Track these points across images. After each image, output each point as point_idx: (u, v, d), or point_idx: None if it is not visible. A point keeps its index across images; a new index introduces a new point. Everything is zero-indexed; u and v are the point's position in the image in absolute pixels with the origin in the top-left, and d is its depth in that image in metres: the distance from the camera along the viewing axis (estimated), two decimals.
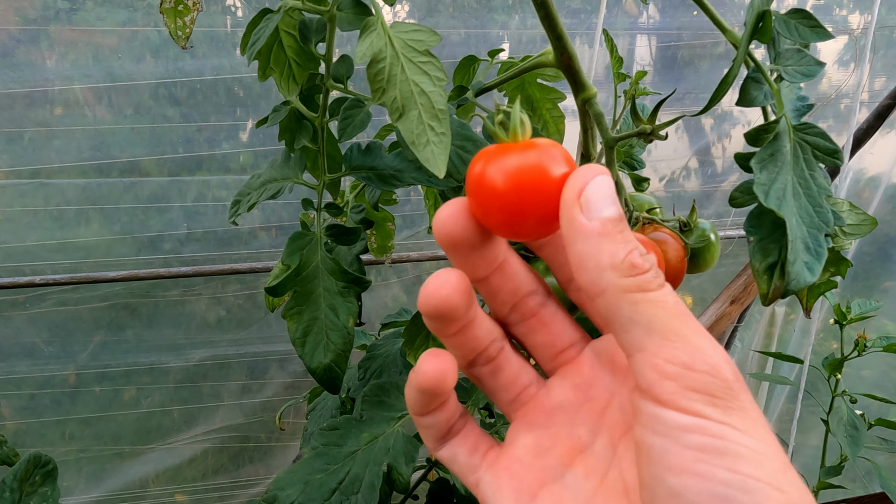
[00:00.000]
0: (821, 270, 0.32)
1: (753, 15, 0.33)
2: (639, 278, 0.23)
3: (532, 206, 0.25)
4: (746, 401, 0.22)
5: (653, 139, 0.43)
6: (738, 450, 0.21)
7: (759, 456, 0.21)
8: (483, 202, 0.25)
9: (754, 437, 0.21)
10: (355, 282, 0.42)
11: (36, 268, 1.26)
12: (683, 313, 0.23)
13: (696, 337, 0.22)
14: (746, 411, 0.22)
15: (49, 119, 1.19)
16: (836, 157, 0.34)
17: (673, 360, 0.22)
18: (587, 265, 0.24)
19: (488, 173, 0.25)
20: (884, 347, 1.00)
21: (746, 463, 0.21)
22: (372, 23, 0.36)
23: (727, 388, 0.22)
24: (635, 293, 0.23)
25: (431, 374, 0.27)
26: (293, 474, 0.43)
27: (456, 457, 0.29)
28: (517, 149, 0.25)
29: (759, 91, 0.35)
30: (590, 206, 0.24)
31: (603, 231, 0.23)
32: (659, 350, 0.22)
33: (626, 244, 0.23)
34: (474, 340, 0.29)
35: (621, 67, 0.53)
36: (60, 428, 1.44)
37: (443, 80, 0.36)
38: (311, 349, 0.42)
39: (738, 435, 0.21)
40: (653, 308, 0.23)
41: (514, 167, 0.24)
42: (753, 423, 0.22)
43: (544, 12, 0.40)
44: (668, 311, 0.23)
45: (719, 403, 0.22)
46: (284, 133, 0.47)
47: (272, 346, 1.47)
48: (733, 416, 0.22)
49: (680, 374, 0.22)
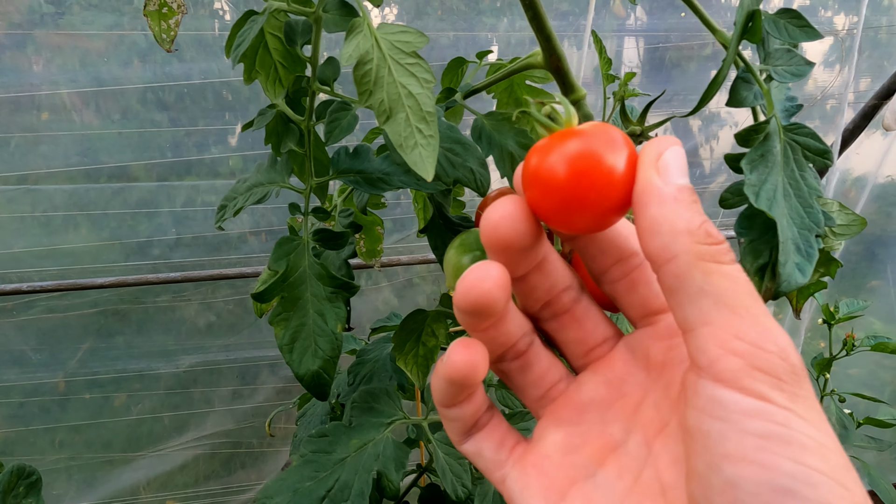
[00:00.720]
0: (812, 271, 0.32)
1: (743, 14, 0.33)
2: (714, 247, 0.22)
3: (595, 194, 0.23)
4: (811, 391, 0.21)
5: (642, 141, 0.43)
6: (803, 440, 0.20)
7: (825, 449, 0.20)
8: (542, 194, 0.24)
9: (819, 428, 0.20)
10: (343, 287, 0.42)
11: (23, 275, 1.25)
12: (755, 293, 0.22)
13: (767, 318, 0.21)
14: (811, 401, 0.21)
15: (36, 124, 1.18)
16: (826, 157, 0.34)
17: (743, 335, 0.21)
18: (662, 229, 0.23)
19: (548, 162, 0.24)
20: (872, 346, 1.00)
21: (812, 455, 0.20)
22: (358, 24, 0.35)
23: (794, 374, 0.21)
24: (709, 262, 0.22)
25: (461, 365, 0.25)
26: (282, 482, 0.43)
27: (481, 451, 0.28)
28: (576, 134, 0.24)
29: (749, 91, 0.35)
30: (668, 172, 0.23)
31: (679, 197, 0.23)
32: (728, 324, 0.21)
33: (698, 213, 0.23)
34: (505, 335, 0.27)
35: (610, 69, 0.53)
36: (50, 436, 1.43)
37: (430, 82, 0.36)
38: (299, 356, 0.41)
39: (804, 424, 0.20)
40: (726, 281, 0.22)
41: (575, 153, 0.23)
42: (819, 415, 0.21)
43: (532, 13, 0.40)
44: (742, 286, 0.22)
45: (786, 388, 0.21)
46: (271, 136, 0.46)
47: (263, 352, 1.47)
48: (799, 403, 0.21)
49: (748, 352, 0.21)
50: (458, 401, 0.27)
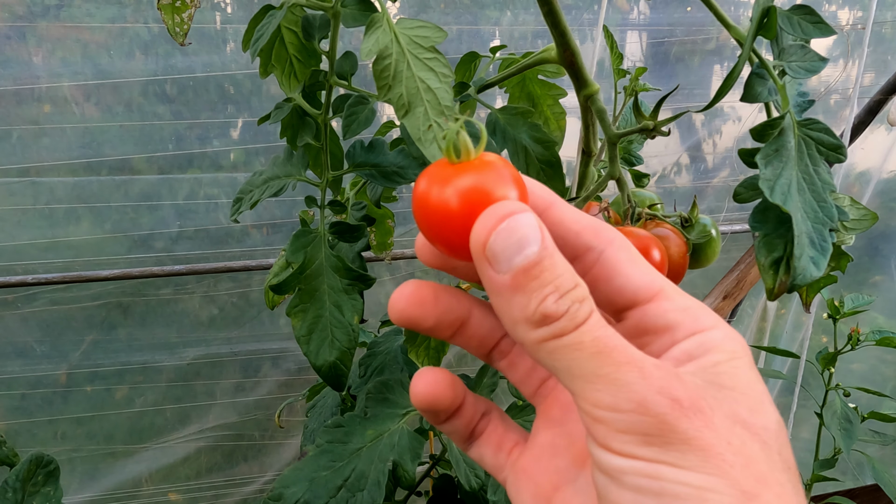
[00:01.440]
0: (826, 265, 0.32)
1: (759, 11, 0.33)
2: (552, 327, 0.21)
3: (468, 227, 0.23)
4: (691, 430, 0.20)
5: (655, 135, 0.44)
6: (675, 489, 0.20)
7: (704, 493, 0.20)
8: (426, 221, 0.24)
9: (700, 471, 0.20)
10: (360, 279, 0.42)
11: (27, 267, 1.25)
12: (605, 347, 0.21)
13: (620, 371, 0.21)
14: (691, 442, 0.20)
15: (38, 117, 1.18)
16: (839, 152, 0.35)
17: (597, 403, 0.21)
18: (504, 320, 0.23)
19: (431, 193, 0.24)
20: (877, 341, 1.00)
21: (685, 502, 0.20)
22: (378, 19, 0.36)
23: (660, 423, 0.20)
24: (549, 342, 0.22)
25: (422, 396, 0.27)
26: (298, 472, 0.43)
27: (483, 457, 0.29)
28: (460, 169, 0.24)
29: (764, 87, 0.35)
30: (497, 259, 0.22)
31: (514, 283, 0.22)
32: (584, 394, 0.21)
33: (539, 291, 0.22)
34: (477, 339, 0.28)
35: (621, 63, 0.53)
36: (53, 428, 1.43)
37: (448, 77, 0.36)
38: (317, 347, 0.41)
39: (678, 473, 0.20)
40: (569, 353, 0.21)
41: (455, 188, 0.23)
42: (701, 455, 0.20)
43: (548, 8, 0.40)
44: (585, 351, 0.21)
45: (654, 441, 0.20)
46: (286, 130, 0.47)
47: (265, 345, 1.47)
48: (671, 452, 0.20)
49: (606, 418, 0.21)
50: (442, 420, 0.28)
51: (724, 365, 0.23)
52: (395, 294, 0.26)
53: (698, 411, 0.21)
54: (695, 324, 0.24)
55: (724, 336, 0.24)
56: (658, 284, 0.25)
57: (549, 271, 0.22)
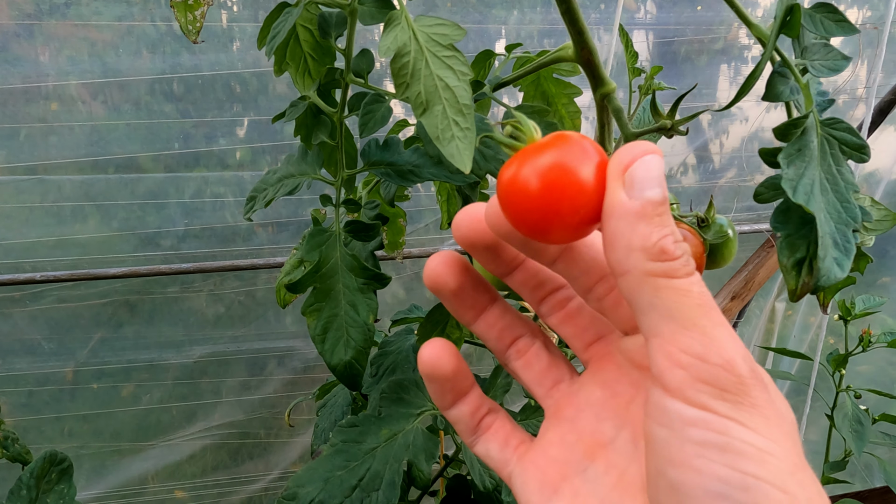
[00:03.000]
0: (849, 266, 0.32)
1: (783, 8, 0.33)
2: (666, 264, 0.23)
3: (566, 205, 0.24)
4: (761, 398, 0.22)
5: (673, 134, 0.43)
6: (740, 447, 0.21)
7: (765, 455, 0.21)
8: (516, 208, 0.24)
9: (763, 435, 0.21)
10: (375, 278, 0.42)
11: (35, 264, 1.25)
12: (707, 304, 0.22)
13: (716, 329, 0.22)
14: (759, 408, 0.21)
15: (45, 115, 1.18)
16: (863, 152, 0.34)
17: (687, 349, 0.22)
18: (618, 244, 0.23)
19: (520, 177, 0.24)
20: (889, 343, 1.00)
21: (748, 461, 0.21)
22: (396, 16, 0.36)
23: (739, 384, 0.21)
24: (660, 278, 0.22)
25: (426, 360, 0.28)
26: (313, 471, 0.43)
27: (489, 452, 0.30)
28: (546, 147, 0.24)
29: (786, 86, 0.35)
30: (633, 184, 0.23)
31: (642, 212, 0.23)
32: (674, 338, 0.22)
33: (661, 228, 0.23)
34: (496, 330, 0.30)
35: (636, 62, 0.53)
36: (60, 425, 1.43)
37: (467, 75, 0.36)
38: (332, 346, 0.41)
39: (744, 432, 0.21)
40: (675, 295, 0.22)
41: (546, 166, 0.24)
42: (765, 421, 0.21)
43: (566, 6, 0.40)
44: (691, 300, 0.22)
45: (728, 398, 0.21)
46: (300, 128, 0.46)
47: (271, 343, 1.47)
48: (742, 412, 0.21)
49: (692, 364, 0.22)
50: (447, 401, 0.30)
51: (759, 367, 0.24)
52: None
53: (766, 387, 0.22)
54: None
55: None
56: None
57: (669, 216, 0.23)
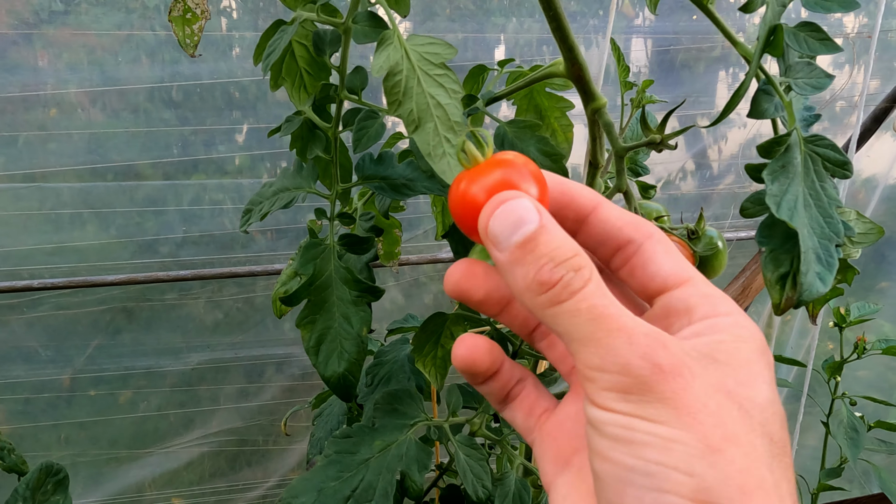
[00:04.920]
0: (832, 281, 0.32)
1: (766, 28, 0.34)
2: (549, 293, 0.25)
3: None
4: (668, 391, 0.23)
5: (663, 148, 0.44)
6: (643, 438, 0.23)
7: (668, 443, 0.22)
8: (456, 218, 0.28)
9: (669, 425, 0.23)
10: (369, 291, 0.42)
11: (33, 271, 1.26)
12: (600, 316, 0.24)
13: (609, 338, 0.24)
14: (666, 401, 0.23)
15: (44, 122, 1.18)
16: (846, 168, 0.35)
17: (589, 364, 0.24)
18: (514, 293, 0.26)
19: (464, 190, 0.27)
20: (883, 350, 1.00)
21: (650, 449, 0.23)
22: (388, 36, 0.36)
23: (638, 384, 0.23)
24: (550, 308, 0.25)
25: (462, 359, 0.30)
26: (307, 482, 0.43)
27: (514, 419, 0.32)
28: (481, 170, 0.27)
29: (770, 103, 0.36)
30: (497, 239, 0.25)
31: (513, 259, 0.25)
32: (579, 356, 0.24)
33: (534, 263, 0.25)
34: (519, 318, 0.31)
35: (628, 76, 0.53)
36: (57, 432, 1.43)
37: (458, 93, 0.36)
38: (325, 358, 0.42)
39: (647, 425, 0.23)
40: (567, 318, 0.24)
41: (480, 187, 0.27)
42: (673, 412, 0.23)
43: (556, 24, 0.41)
44: (582, 317, 0.24)
45: (631, 399, 0.23)
46: (296, 142, 0.47)
47: (270, 350, 1.47)
48: (646, 407, 0.23)
49: (595, 377, 0.24)
50: (477, 382, 0.31)
51: (725, 344, 0.25)
52: (451, 269, 0.30)
53: (678, 375, 0.23)
54: (712, 309, 0.26)
55: (734, 322, 0.26)
56: (687, 274, 0.27)
57: (545, 245, 0.25)
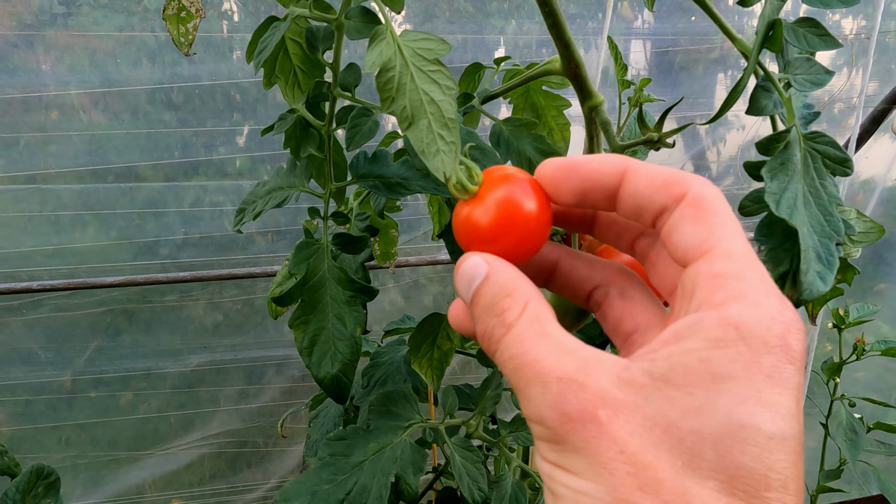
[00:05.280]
0: (833, 280, 0.32)
1: (764, 24, 0.33)
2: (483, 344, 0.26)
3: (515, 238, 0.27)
4: (581, 439, 0.22)
5: (660, 147, 0.43)
6: (558, 490, 0.22)
7: (579, 495, 0.22)
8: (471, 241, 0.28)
9: (582, 476, 0.22)
10: (363, 291, 0.42)
11: (33, 273, 1.25)
12: (520, 365, 0.24)
13: (529, 388, 0.23)
14: (579, 451, 0.22)
15: (45, 124, 1.18)
16: (846, 165, 0.34)
17: (525, 413, 0.24)
18: None
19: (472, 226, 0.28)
20: (882, 351, 1.00)
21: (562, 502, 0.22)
22: (381, 31, 0.36)
23: (554, 434, 0.22)
24: (495, 352, 0.25)
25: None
26: (300, 485, 0.43)
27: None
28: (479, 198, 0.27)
29: (769, 100, 0.35)
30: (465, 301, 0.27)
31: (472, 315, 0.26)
32: (521, 398, 0.24)
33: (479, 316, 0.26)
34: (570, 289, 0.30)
35: (625, 74, 0.53)
36: (57, 434, 1.43)
37: (452, 90, 0.36)
38: (319, 359, 0.41)
39: (563, 476, 0.22)
40: (501, 369, 0.25)
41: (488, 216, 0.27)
42: (586, 462, 0.22)
43: (552, 21, 0.40)
44: (507, 368, 0.24)
45: (554, 448, 0.23)
46: (290, 141, 0.47)
47: (269, 351, 1.47)
48: (565, 457, 0.22)
49: (531, 425, 0.24)
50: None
51: (690, 355, 0.22)
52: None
53: (590, 421, 0.22)
54: (708, 296, 0.23)
55: (720, 319, 0.22)
56: (709, 244, 0.24)
57: (484, 295, 0.26)
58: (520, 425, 0.54)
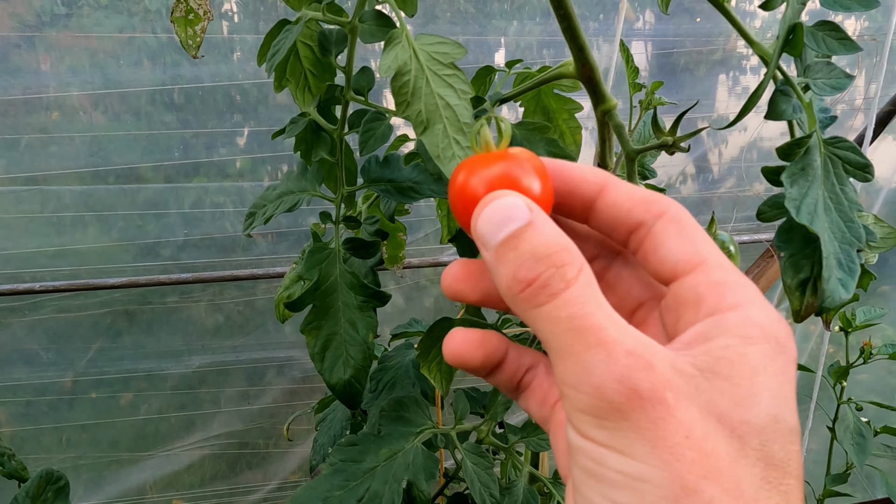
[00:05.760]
0: (854, 287, 0.32)
1: (785, 27, 0.33)
2: (527, 292, 0.23)
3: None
4: (647, 420, 0.20)
5: (675, 151, 0.43)
6: (612, 477, 0.21)
7: (638, 483, 0.20)
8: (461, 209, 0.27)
9: (642, 461, 0.20)
10: (374, 296, 0.42)
11: (35, 274, 1.25)
12: (580, 327, 0.22)
13: (587, 353, 0.21)
14: (642, 432, 0.20)
15: (46, 125, 1.18)
16: (866, 171, 0.34)
17: (565, 379, 0.22)
18: (499, 288, 0.24)
19: (463, 182, 0.26)
20: (890, 355, 0.99)
21: (619, 490, 0.20)
22: (397, 35, 0.35)
23: (613, 410, 0.21)
24: (529, 310, 0.23)
25: (450, 355, 0.28)
26: (311, 491, 0.43)
27: (529, 409, 0.30)
28: (487, 160, 0.26)
29: (788, 104, 0.35)
30: (483, 240, 0.24)
31: (497, 258, 0.24)
32: (555, 367, 0.22)
33: (515, 261, 0.23)
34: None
35: (637, 77, 0.53)
36: (58, 434, 1.43)
37: (468, 94, 0.35)
38: (331, 364, 0.41)
39: (618, 460, 0.21)
40: (546, 325, 0.22)
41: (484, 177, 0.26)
42: (649, 445, 0.20)
43: (567, 24, 0.40)
44: (560, 326, 0.22)
45: (606, 425, 0.21)
46: (300, 144, 0.46)
47: (271, 353, 1.47)
48: (619, 438, 0.21)
49: (570, 395, 0.22)
50: (481, 375, 0.29)
51: (730, 350, 0.22)
52: (446, 270, 0.28)
53: (658, 402, 0.21)
54: (719, 301, 0.23)
55: (743, 318, 0.23)
56: (700, 257, 0.24)
57: (528, 241, 0.23)
58: (530, 431, 0.53)
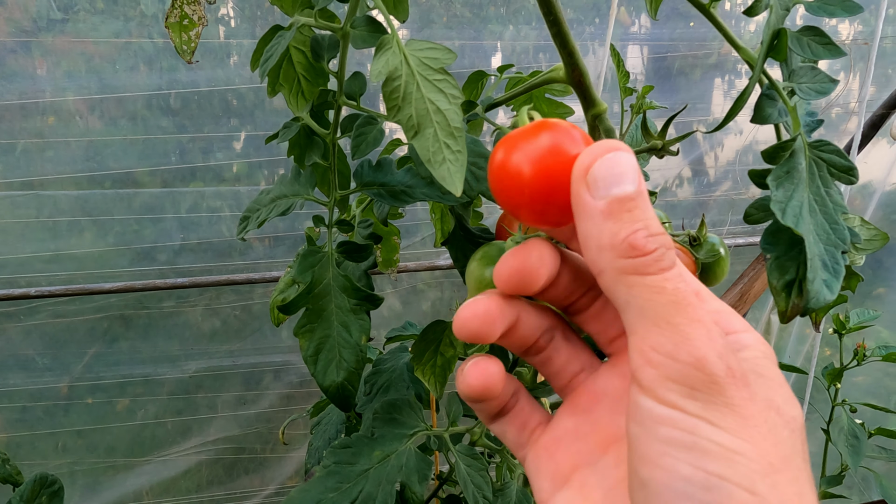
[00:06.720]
0: (839, 288, 0.32)
1: (769, 33, 0.33)
2: (637, 260, 0.22)
3: (548, 187, 0.24)
4: (738, 397, 0.21)
5: (664, 154, 0.44)
6: (707, 446, 0.21)
7: (733, 455, 0.21)
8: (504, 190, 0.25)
9: (735, 434, 0.21)
10: (367, 299, 0.42)
11: (31, 279, 1.25)
12: (684, 300, 0.22)
13: (689, 326, 0.22)
14: (734, 408, 0.21)
15: (42, 129, 1.18)
16: (851, 174, 0.34)
17: (658, 347, 0.22)
18: (589, 244, 0.23)
19: (503, 158, 0.25)
20: (883, 357, 1.00)
21: (713, 460, 0.21)
22: (387, 41, 0.36)
23: (711, 383, 0.21)
24: (631, 276, 0.23)
25: (476, 386, 0.27)
26: (305, 493, 0.43)
27: (505, 433, 0.30)
28: (531, 132, 0.25)
29: (774, 108, 0.35)
30: (597, 184, 0.23)
31: (608, 210, 0.23)
32: (647, 336, 0.22)
33: (631, 224, 0.23)
34: (521, 340, 0.29)
35: (628, 82, 0.53)
36: (54, 440, 1.43)
37: (458, 98, 0.36)
38: (324, 367, 0.41)
39: (713, 431, 0.21)
40: (647, 292, 0.22)
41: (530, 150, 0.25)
42: (740, 421, 0.21)
43: (557, 29, 0.40)
44: (664, 297, 0.22)
45: (699, 397, 0.21)
46: (294, 149, 0.47)
47: (268, 357, 1.47)
48: (713, 411, 0.21)
49: (662, 363, 0.22)
50: (479, 403, 0.29)
51: (759, 360, 0.24)
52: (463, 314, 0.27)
53: (746, 384, 0.22)
54: (727, 326, 0.25)
55: (756, 339, 0.25)
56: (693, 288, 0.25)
57: (642, 210, 0.23)
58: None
